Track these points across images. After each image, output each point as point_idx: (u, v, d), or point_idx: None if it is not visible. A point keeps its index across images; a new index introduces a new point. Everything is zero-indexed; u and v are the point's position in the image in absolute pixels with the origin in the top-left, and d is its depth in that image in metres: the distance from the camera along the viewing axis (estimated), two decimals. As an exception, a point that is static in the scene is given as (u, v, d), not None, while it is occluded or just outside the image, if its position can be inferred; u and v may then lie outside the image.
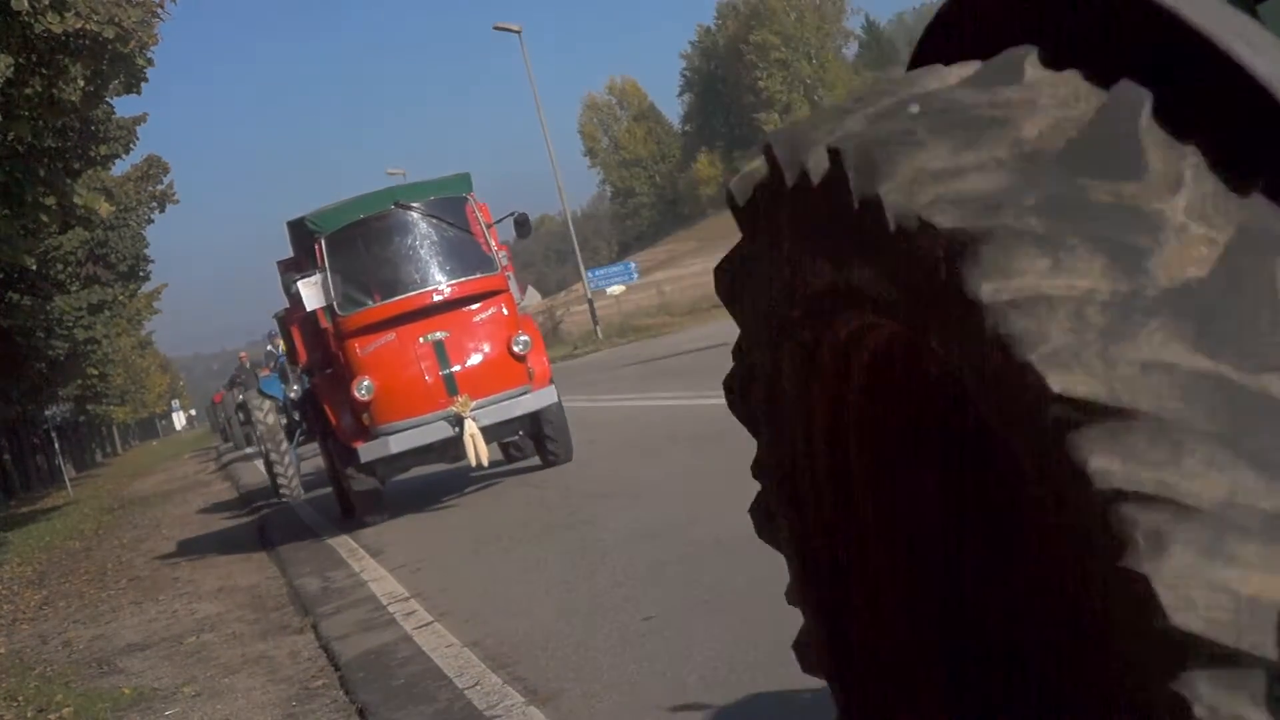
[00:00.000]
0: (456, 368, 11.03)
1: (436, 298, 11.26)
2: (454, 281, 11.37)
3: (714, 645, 5.13)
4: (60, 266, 23.37)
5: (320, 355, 12.32)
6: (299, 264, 12.07)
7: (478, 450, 10.88)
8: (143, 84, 14.37)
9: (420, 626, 7.11)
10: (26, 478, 44.80)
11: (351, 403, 11.25)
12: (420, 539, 10.49)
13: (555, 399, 11.55)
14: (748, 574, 6.06)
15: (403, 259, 11.51)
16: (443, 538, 10.20)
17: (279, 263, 12.69)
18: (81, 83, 13.27)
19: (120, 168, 25.48)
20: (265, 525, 15.14)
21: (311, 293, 11.12)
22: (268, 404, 16.90)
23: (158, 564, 14.24)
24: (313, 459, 18.91)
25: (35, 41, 11.83)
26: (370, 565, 9.79)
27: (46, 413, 38.10)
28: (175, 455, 54.00)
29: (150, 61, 13.71)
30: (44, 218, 15.49)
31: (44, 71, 12.64)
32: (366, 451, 11.12)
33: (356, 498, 11.77)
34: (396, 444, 11.01)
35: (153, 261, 34.31)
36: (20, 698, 7.98)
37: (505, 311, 11.47)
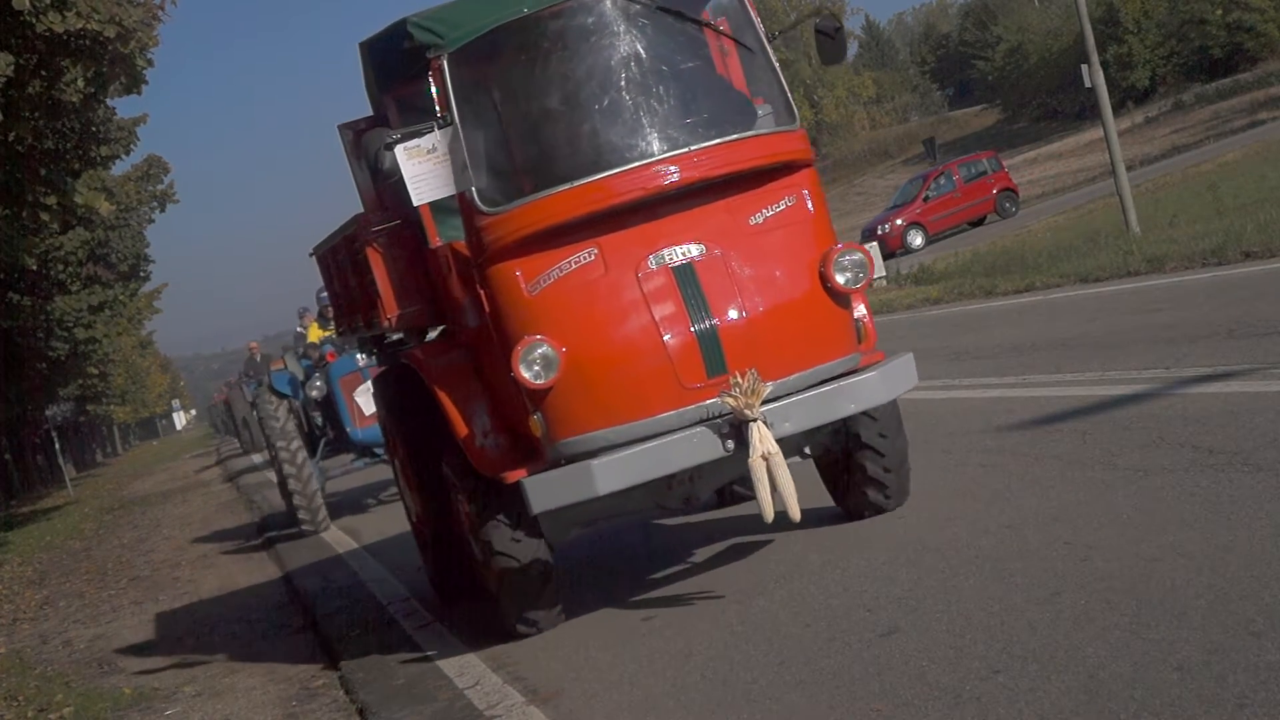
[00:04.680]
0: (731, 315, 5.50)
1: (677, 175, 5.56)
2: (712, 144, 5.64)
3: (714, 645, 5.14)
4: (61, 267, 23.35)
5: (425, 303, 6.74)
6: (384, 123, 6.77)
7: (778, 484, 5.34)
8: (143, 85, 14.37)
9: (420, 626, 7.11)
10: (27, 477, 44.81)
11: (507, 391, 5.80)
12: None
13: (911, 378, 5.87)
14: (748, 574, 6.07)
15: (607, 98, 5.76)
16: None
17: (343, 127, 7.30)
18: (82, 84, 13.30)
19: (120, 168, 25.49)
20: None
21: (424, 170, 5.62)
22: (281, 405, 12.78)
23: (158, 564, 14.24)
24: (338, 479, 14.20)
25: (36, 41, 11.84)
26: (370, 565, 9.79)
27: (47, 412, 38.09)
28: (175, 455, 54.02)
29: (150, 62, 13.71)
30: (44, 217, 15.50)
31: (44, 72, 12.66)
32: (543, 490, 5.49)
33: (505, 579, 5.99)
34: (609, 476, 5.39)
35: (153, 261, 34.34)
36: (21, 697, 7.99)
37: (810, 206, 5.84)
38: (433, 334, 7.02)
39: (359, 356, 12.16)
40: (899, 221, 36.29)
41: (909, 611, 4.82)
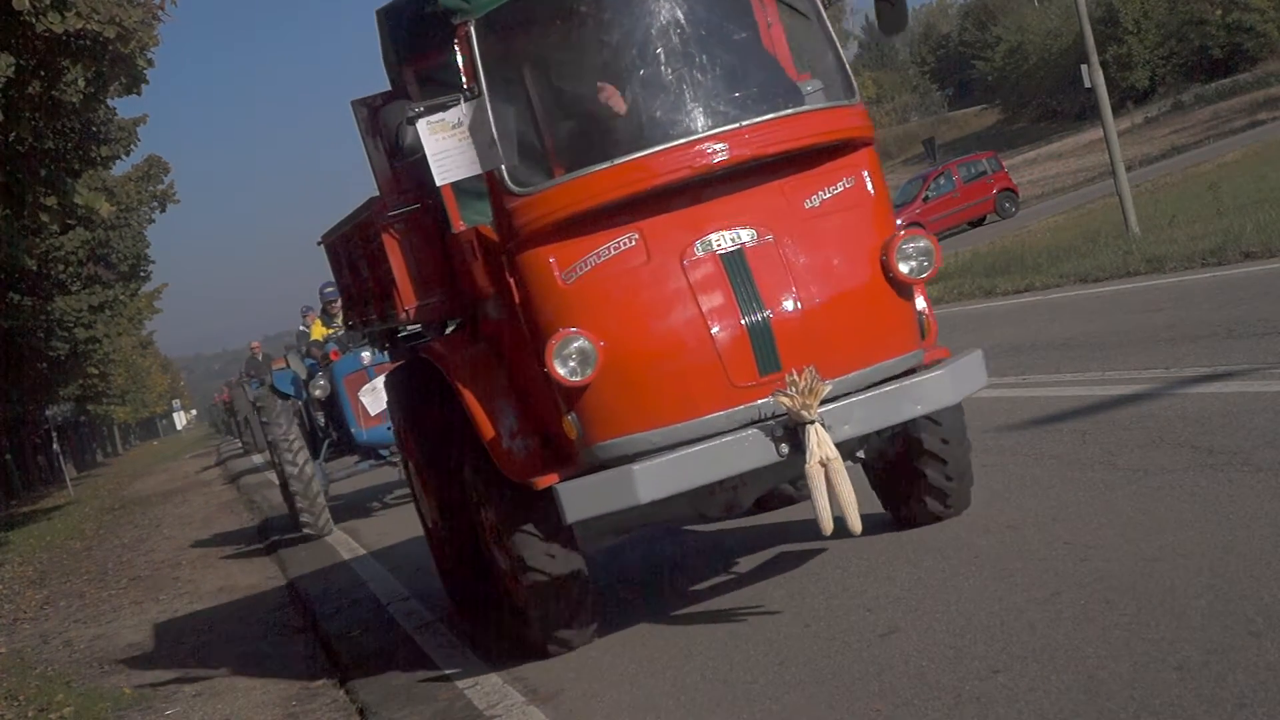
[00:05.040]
0: (785, 307, 5.02)
1: (726, 153, 5.04)
2: (764, 119, 5.13)
3: (714, 645, 5.14)
4: (61, 267, 23.35)
5: (446, 293, 6.20)
6: (403, 97, 6.06)
7: (837, 492, 4.87)
8: (143, 85, 14.36)
9: (420, 626, 7.11)
10: (27, 477, 44.82)
11: (538, 388, 5.35)
12: (421, 539, 10.50)
13: (981, 377, 5.37)
14: (748, 574, 6.07)
15: (649, 69, 5.26)
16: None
17: (357, 103, 6.64)
18: (82, 84, 13.30)
19: (121, 168, 25.50)
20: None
21: (448, 147, 5.10)
22: (284, 406, 12.43)
23: (158, 564, 14.25)
24: (342, 481, 13.45)
25: (36, 42, 11.84)
26: (370, 565, 9.79)
27: (47, 412, 38.09)
28: (176, 455, 54.06)
29: (151, 62, 13.70)
30: (44, 217, 15.49)
31: (44, 73, 12.66)
32: (579, 497, 5.00)
33: (535, 594, 5.50)
34: (652, 482, 4.90)
35: (153, 261, 34.32)
36: (21, 697, 7.99)
37: (871, 188, 5.36)
38: (451, 326, 6.63)
39: (364, 355, 12.04)
40: (898, 222, 36.30)
41: (909, 611, 4.82)
